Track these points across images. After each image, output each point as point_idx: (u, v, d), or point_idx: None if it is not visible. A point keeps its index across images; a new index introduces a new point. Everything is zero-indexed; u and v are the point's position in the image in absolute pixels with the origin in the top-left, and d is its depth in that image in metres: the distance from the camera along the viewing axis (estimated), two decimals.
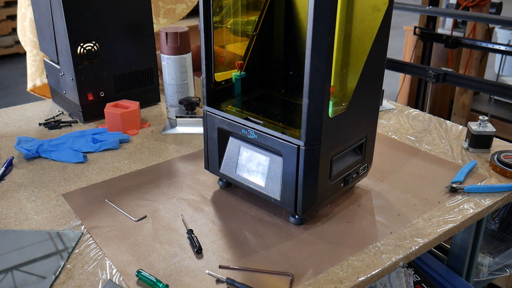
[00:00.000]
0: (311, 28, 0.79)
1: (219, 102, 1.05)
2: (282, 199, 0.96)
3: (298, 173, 0.92)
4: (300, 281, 0.84)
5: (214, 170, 1.08)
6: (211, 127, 1.04)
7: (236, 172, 1.03)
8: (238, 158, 1.02)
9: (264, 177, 0.98)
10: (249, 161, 1.00)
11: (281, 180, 0.95)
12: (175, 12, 1.93)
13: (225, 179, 1.08)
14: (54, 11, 1.42)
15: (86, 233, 0.97)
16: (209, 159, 1.08)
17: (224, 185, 1.12)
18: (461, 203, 1.06)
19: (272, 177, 0.97)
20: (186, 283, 0.83)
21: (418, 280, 1.27)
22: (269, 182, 0.97)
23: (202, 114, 1.05)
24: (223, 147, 1.04)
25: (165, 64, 1.45)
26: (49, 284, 0.83)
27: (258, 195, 1.01)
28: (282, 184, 0.95)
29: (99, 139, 1.35)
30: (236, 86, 1.09)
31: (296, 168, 0.92)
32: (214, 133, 1.04)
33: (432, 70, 2.35)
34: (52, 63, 1.57)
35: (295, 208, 0.95)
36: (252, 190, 1.01)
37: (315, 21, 0.79)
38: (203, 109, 1.05)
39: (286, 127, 0.96)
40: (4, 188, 1.14)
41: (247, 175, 1.01)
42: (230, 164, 1.03)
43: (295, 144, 0.90)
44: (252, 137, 0.97)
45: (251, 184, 1.01)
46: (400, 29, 3.97)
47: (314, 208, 0.97)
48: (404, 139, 1.37)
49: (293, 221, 0.99)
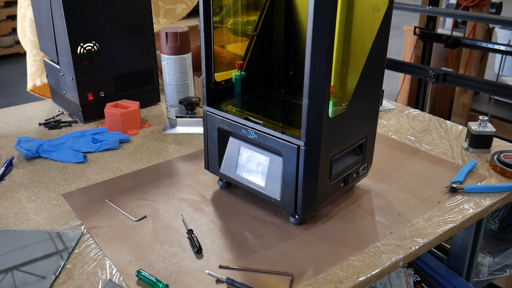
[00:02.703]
0: (311, 28, 0.79)
1: (219, 102, 1.06)
2: (282, 199, 0.96)
3: (298, 173, 0.92)
4: (300, 281, 0.84)
5: (214, 170, 1.08)
6: (211, 127, 1.04)
7: (236, 172, 1.03)
8: (238, 158, 1.02)
9: (264, 177, 0.98)
10: (249, 161, 1.00)
11: (281, 180, 0.95)
12: (175, 12, 1.93)
13: (225, 179, 1.08)
14: (54, 11, 1.42)
15: (86, 233, 0.97)
16: (209, 159, 1.08)
17: (224, 185, 1.12)
18: (461, 203, 1.06)
19: (272, 177, 0.97)
20: (186, 283, 0.83)
21: (418, 280, 1.27)
22: (269, 182, 0.97)
23: (202, 114, 1.05)
24: (223, 147, 1.04)
25: (165, 64, 1.45)
26: (49, 284, 0.83)
27: (258, 195, 1.01)
28: (282, 184, 0.95)
29: (99, 139, 1.35)
30: (236, 86, 1.10)
31: (296, 168, 0.92)
32: (214, 133, 1.04)
33: (432, 70, 2.35)
34: (52, 63, 1.56)
35: (295, 208, 0.95)
36: (252, 190, 1.01)
37: (315, 21, 0.79)
38: (203, 109, 1.05)
39: (286, 127, 0.96)
40: (4, 188, 1.14)
41: (247, 175, 1.01)
42: (230, 164, 1.03)
43: (295, 144, 0.90)
44: (252, 137, 0.97)
45: (251, 184, 1.01)
46: (400, 29, 3.97)
47: (314, 208, 0.97)
48: (404, 139, 1.37)
49: (293, 221, 0.99)
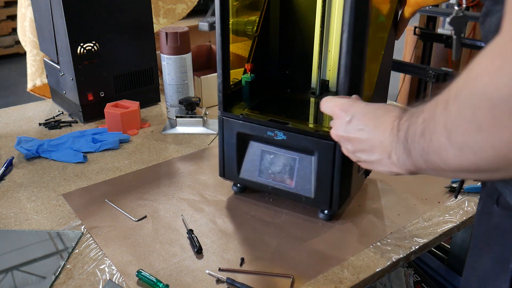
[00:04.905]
0: (350, 25, 0.80)
1: (230, 106, 1.04)
2: (316, 197, 0.96)
3: (334, 170, 0.92)
4: (300, 281, 0.84)
5: (232, 177, 1.06)
6: (228, 132, 1.02)
7: (259, 176, 1.01)
8: (261, 162, 1.01)
9: (293, 177, 0.98)
10: (273, 163, 0.99)
11: (315, 178, 0.95)
12: (175, 12, 1.93)
13: (245, 184, 1.06)
14: (54, 11, 1.42)
15: (86, 233, 0.97)
16: (225, 166, 1.06)
17: (238, 190, 1.10)
18: (461, 203, 1.06)
19: (302, 176, 0.96)
20: (186, 283, 0.83)
21: (418, 280, 1.27)
22: (299, 182, 0.97)
23: (218, 120, 1.02)
24: (242, 152, 1.03)
25: (165, 64, 1.45)
26: (49, 284, 0.83)
27: (285, 196, 1.00)
28: (315, 182, 0.95)
29: (99, 139, 1.35)
30: (245, 90, 1.08)
31: (332, 165, 0.92)
32: (233, 139, 1.01)
33: (432, 70, 2.35)
34: (52, 63, 1.57)
35: (330, 204, 0.95)
36: (279, 191, 1.00)
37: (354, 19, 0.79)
38: (218, 115, 1.02)
39: (316, 125, 0.96)
40: (4, 188, 1.14)
41: (272, 177, 1.00)
42: (251, 168, 1.02)
43: (331, 141, 0.89)
44: (280, 138, 0.96)
45: (278, 186, 0.99)
46: None
47: (347, 202, 0.98)
48: None
49: (323, 217, 1.00)
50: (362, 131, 0.67)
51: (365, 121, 0.67)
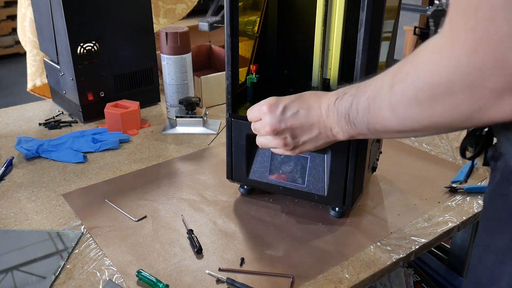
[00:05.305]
0: (367, 22, 0.80)
1: (236, 108, 1.03)
2: (329, 195, 0.96)
3: (349, 167, 0.92)
4: (300, 281, 0.84)
5: (240, 179, 1.05)
6: (237, 134, 1.01)
7: (269, 177, 1.01)
8: (271, 162, 1.00)
9: (304, 176, 0.98)
10: (283, 163, 1.00)
11: (328, 176, 0.95)
12: (175, 12, 1.93)
13: (255, 185, 1.05)
14: (54, 11, 1.42)
15: (86, 233, 0.97)
16: (233, 168, 1.05)
17: (246, 192, 1.09)
18: (461, 203, 1.06)
19: (314, 175, 0.97)
20: (186, 283, 0.83)
21: (418, 280, 1.27)
22: (311, 180, 0.97)
23: (226, 122, 1.02)
24: (251, 154, 1.02)
25: (165, 64, 1.45)
26: (49, 284, 0.83)
27: (296, 196, 1.01)
28: (328, 180, 0.95)
29: (99, 139, 1.35)
30: (250, 90, 1.07)
31: (346, 162, 0.92)
32: (242, 141, 1.01)
33: None
34: (52, 63, 1.57)
35: (343, 202, 0.96)
36: (290, 191, 1.00)
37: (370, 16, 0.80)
38: (226, 117, 1.01)
39: None
40: (4, 188, 1.14)
41: (283, 177, 1.00)
42: (260, 170, 1.02)
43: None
44: None
45: (288, 185, 0.99)
46: (400, 29, 3.97)
47: (359, 198, 0.99)
48: (404, 139, 1.37)
49: (334, 214, 1.00)
50: (298, 113, 0.76)
51: (299, 104, 0.76)
